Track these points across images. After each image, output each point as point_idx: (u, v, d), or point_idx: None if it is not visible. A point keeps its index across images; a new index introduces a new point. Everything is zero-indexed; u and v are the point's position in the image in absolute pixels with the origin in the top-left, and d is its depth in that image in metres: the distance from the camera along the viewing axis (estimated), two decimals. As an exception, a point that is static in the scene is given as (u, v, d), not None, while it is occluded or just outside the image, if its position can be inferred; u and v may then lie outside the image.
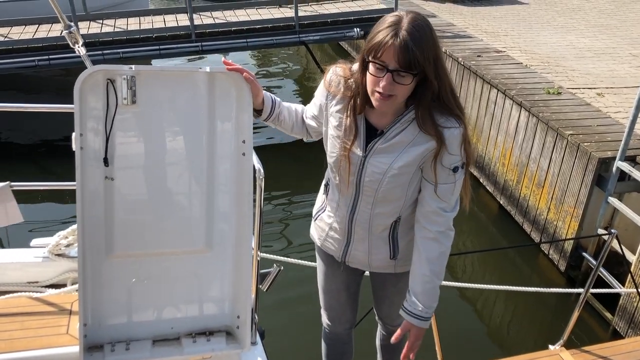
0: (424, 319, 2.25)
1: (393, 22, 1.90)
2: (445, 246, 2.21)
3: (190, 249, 2.26)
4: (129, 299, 2.25)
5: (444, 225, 2.18)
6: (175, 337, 2.34)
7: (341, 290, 2.64)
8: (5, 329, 2.34)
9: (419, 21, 1.89)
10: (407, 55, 1.85)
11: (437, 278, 2.23)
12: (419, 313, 2.23)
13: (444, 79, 1.98)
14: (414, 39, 1.85)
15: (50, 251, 2.83)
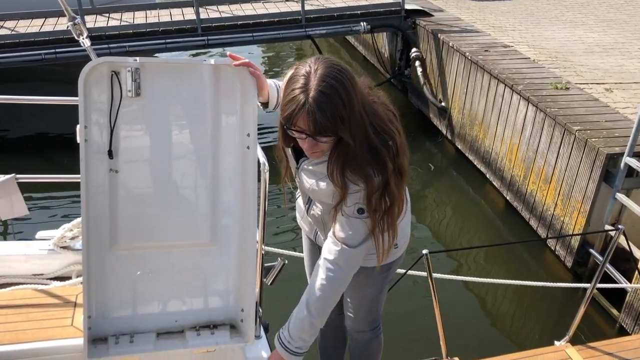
0: (284, 346, 2.18)
1: (302, 85, 1.84)
2: (329, 278, 2.11)
3: (194, 242, 2.26)
4: (134, 291, 2.25)
5: (335, 256, 2.10)
6: (179, 330, 2.34)
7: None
8: (10, 320, 2.34)
9: (328, 80, 1.82)
10: (316, 124, 1.84)
11: (306, 309, 2.13)
12: (281, 337, 2.20)
13: (359, 137, 1.89)
14: (320, 106, 1.81)
15: (55, 244, 2.84)
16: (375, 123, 1.93)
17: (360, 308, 2.51)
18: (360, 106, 1.87)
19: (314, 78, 1.83)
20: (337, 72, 1.84)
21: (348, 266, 2.12)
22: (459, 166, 7.77)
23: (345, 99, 1.82)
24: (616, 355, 3.12)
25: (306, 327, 2.15)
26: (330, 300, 2.16)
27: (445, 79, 8.16)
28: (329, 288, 2.13)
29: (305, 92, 1.82)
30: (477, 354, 3.27)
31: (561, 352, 3.19)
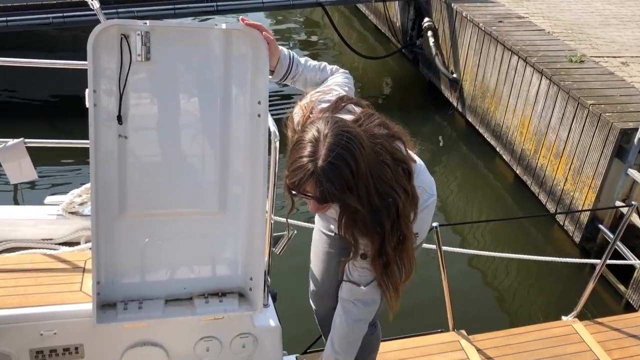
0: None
1: (310, 153, 1.79)
2: (345, 316, 2.17)
3: (203, 211, 2.24)
4: (142, 258, 2.24)
5: (348, 294, 2.16)
6: (187, 298, 2.34)
7: (333, 256, 2.53)
8: (19, 284, 2.35)
9: (337, 150, 1.77)
10: (324, 193, 1.80)
11: (332, 347, 2.23)
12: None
13: (364, 202, 1.85)
14: (329, 177, 1.77)
15: (64, 209, 2.83)
16: (380, 187, 1.88)
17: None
18: (367, 172, 1.83)
19: (323, 147, 1.78)
20: (347, 140, 1.79)
21: (362, 303, 2.16)
22: (468, 139, 7.70)
23: (354, 169, 1.79)
24: (623, 331, 3.12)
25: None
26: (352, 336, 2.21)
27: (457, 50, 8.03)
28: (347, 325, 2.18)
29: (313, 162, 1.78)
30: (483, 327, 3.29)
31: (568, 327, 3.19)
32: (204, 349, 2.43)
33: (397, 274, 2.01)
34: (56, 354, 2.28)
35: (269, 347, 2.54)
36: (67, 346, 2.28)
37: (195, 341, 2.42)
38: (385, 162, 1.90)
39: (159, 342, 2.38)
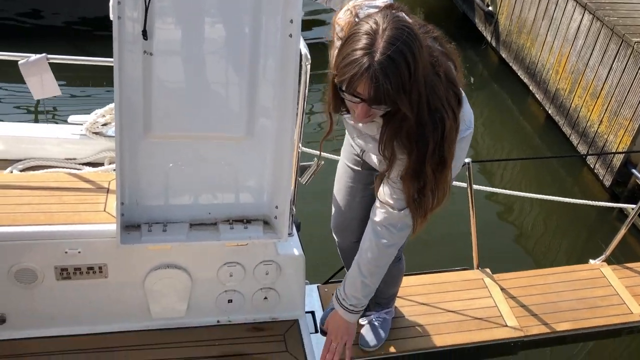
0: (340, 303, 2.22)
1: (366, 45, 1.62)
2: (376, 240, 2.07)
3: (230, 136, 2.17)
4: (167, 181, 2.20)
5: (381, 218, 2.04)
6: (212, 223, 2.31)
7: (357, 190, 2.43)
8: (44, 202, 2.33)
9: (397, 44, 1.60)
10: (378, 92, 1.63)
11: (358, 270, 2.14)
12: (338, 294, 2.23)
13: (414, 110, 1.70)
14: (386, 73, 1.60)
15: (88, 129, 2.79)
16: (431, 99, 1.74)
17: None
18: (422, 78, 1.68)
19: (381, 39, 1.61)
20: (407, 35, 1.62)
21: (395, 228, 2.05)
22: (500, 76, 7.44)
23: (412, 69, 1.63)
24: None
25: (359, 286, 2.16)
26: (381, 261, 2.12)
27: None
28: (377, 250, 2.09)
29: (370, 55, 1.61)
30: (507, 267, 3.24)
31: (596, 271, 3.13)
32: (227, 274, 2.43)
33: (430, 199, 1.91)
34: (80, 272, 2.28)
35: (292, 276, 2.53)
36: (91, 265, 2.28)
37: (219, 266, 2.41)
38: (439, 76, 1.77)
39: (182, 265, 2.37)
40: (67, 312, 2.37)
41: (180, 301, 2.43)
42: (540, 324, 2.79)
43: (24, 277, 2.25)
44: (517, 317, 2.79)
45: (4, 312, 2.32)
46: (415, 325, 2.73)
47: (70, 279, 2.29)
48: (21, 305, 2.32)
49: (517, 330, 2.73)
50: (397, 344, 2.65)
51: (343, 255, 2.69)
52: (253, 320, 2.55)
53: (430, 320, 2.75)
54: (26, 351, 2.29)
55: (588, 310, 2.88)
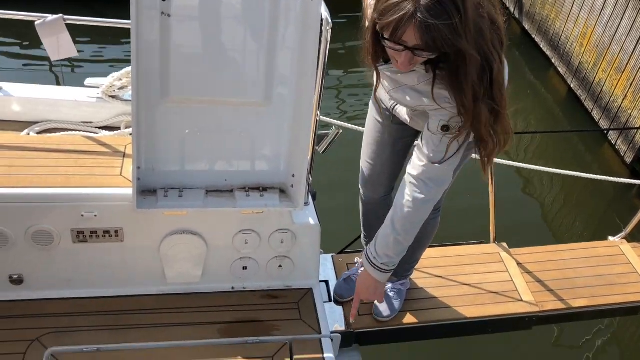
0: (370, 262, 2.15)
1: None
2: (414, 195, 1.98)
3: (247, 101, 2.13)
4: (183, 147, 2.18)
5: (420, 172, 1.96)
6: (228, 190, 2.30)
7: (387, 144, 2.40)
8: (60, 164, 2.33)
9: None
10: (424, 38, 1.56)
11: (392, 226, 2.05)
12: (368, 253, 2.15)
13: (462, 54, 1.63)
14: (433, 17, 1.53)
15: (104, 92, 2.76)
16: (479, 41, 1.67)
17: None
18: (470, 21, 1.61)
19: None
20: None
21: (434, 182, 1.97)
22: (522, 48, 7.27)
23: (462, 10, 1.56)
24: (675, 256, 3.00)
25: (391, 244, 2.08)
26: (416, 217, 2.04)
27: (521, -51, 7.40)
28: (414, 205, 2.00)
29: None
30: (523, 242, 3.21)
31: (615, 248, 3.08)
32: (243, 242, 2.42)
33: (490, 144, 1.86)
34: (97, 236, 2.29)
35: (307, 245, 2.52)
36: (107, 229, 2.29)
37: (234, 233, 2.40)
38: (484, 18, 1.71)
39: (198, 231, 2.37)
40: (84, 274, 2.38)
41: (196, 267, 2.44)
42: (556, 300, 2.76)
43: (41, 239, 2.26)
44: (533, 292, 2.77)
45: (21, 273, 2.34)
46: (429, 298, 2.72)
47: (87, 242, 2.30)
48: (38, 266, 2.34)
49: (533, 305, 2.71)
50: (411, 314, 2.65)
51: (365, 211, 2.65)
52: (267, 287, 2.55)
53: (445, 293, 2.73)
54: (43, 312, 2.32)
55: (605, 287, 2.85)
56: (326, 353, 2.30)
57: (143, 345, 2.24)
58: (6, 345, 2.18)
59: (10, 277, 2.34)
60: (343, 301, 2.72)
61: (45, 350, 2.17)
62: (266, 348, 2.29)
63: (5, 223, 2.21)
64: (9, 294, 2.35)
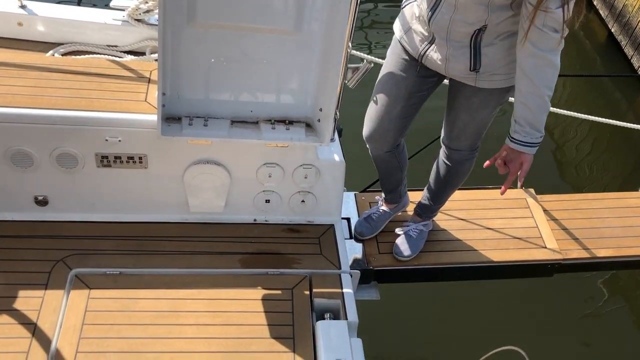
0: (528, 144, 2.05)
1: None
2: (553, 62, 1.94)
3: (276, 29, 2.05)
4: (209, 75, 2.12)
5: (548, 45, 1.89)
6: (254, 121, 2.25)
7: (400, 98, 2.30)
8: (84, 87, 2.30)
9: None
10: None
11: (545, 87, 1.97)
12: (522, 138, 2.04)
13: None
14: None
15: (130, 15, 2.68)
16: None
17: (466, 129, 2.33)
18: None
19: None
20: None
21: (559, 52, 1.94)
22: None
23: None
24: None
25: (545, 107, 2.02)
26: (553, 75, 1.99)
27: None
28: (556, 69, 1.98)
29: None
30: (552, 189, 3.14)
31: (645, 200, 3.01)
32: (266, 175, 2.40)
33: None
34: (120, 161, 2.28)
35: (331, 181, 2.49)
36: (131, 155, 2.27)
37: (258, 166, 2.38)
38: None
39: (222, 162, 2.35)
40: (107, 199, 2.39)
41: (219, 197, 2.43)
42: (580, 249, 2.73)
43: (65, 161, 2.26)
44: (557, 240, 2.73)
45: (46, 194, 2.36)
46: (451, 240, 2.70)
47: (111, 167, 2.29)
48: (63, 189, 2.35)
49: (556, 252, 2.68)
50: (432, 255, 2.64)
51: (377, 163, 2.62)
52: (289, 222, 2.55)
53: (468, 236, 2.71)
54: (67, 233, 2.35)
55: (633, 238, 2.80)
56: (345, 288, 2.30)
57: (165, 271, 2.27)
58: (32, 264, 2.22)
59: (36, 198, 2.36)
60: (363, 239, 2.72)
61: (69, 271, 2.21)
62: (286, 280, 2.31)
63: (30, 144, 2.21)
64: (35, 214, 2.38)
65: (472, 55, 2.07)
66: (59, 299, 2.13)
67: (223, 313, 2.17)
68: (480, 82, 2.14)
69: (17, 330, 2.03)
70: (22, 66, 2.34)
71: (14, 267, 2.20)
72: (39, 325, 2.05)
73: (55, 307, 2.10)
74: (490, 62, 2.08)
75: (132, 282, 2.22)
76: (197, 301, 2.20)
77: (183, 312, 2.16)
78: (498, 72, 2.10)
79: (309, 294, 2.27)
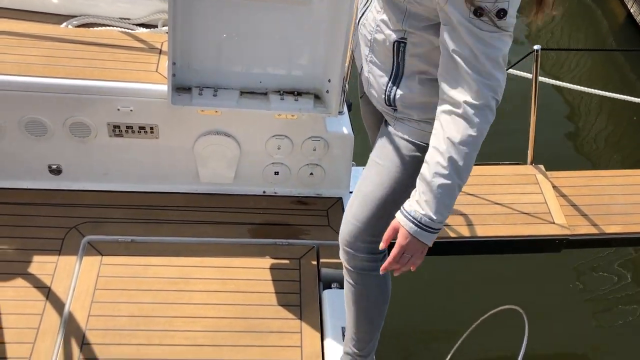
0: (421, 226, 1.46)
1: None
2: (478, 128, 1.42)
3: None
4: (219, 45, 2.14)
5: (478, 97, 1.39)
6: (262, 92, 2.27)
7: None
8: (97, 57, 2.33)
9: None
10: None
11: (455, 173, 1.43)
12: (415, 217, 1.46)
13: None
14: None
15: (142, -13, 2.71)
16: None
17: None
18: None
19: None
20: None
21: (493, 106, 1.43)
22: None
23: None
24: None
25: (452, 195, 1.48)
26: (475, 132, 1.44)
27: None
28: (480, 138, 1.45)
29: None
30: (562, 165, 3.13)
31: (661, 177, 2.99)
32: (275, 147, 2.43)
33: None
34: (132, 131, 2.32)
35: (339, 154, 2.51)
36: (142, 125, 2.31)
37: (267, 138, 2.40)
38: None
39: (231, 133, 2.38)
40: (120, 168, 2.44)
41: (228, 168, 2.46)
42: (589, 225, 2.72)
43: (78, 130, 2.30)
44: (566, 216, 2.72)
45: (60, 163, 2.41)
46: (459, 214, 2.71)
47: (123, 136, 2.33)
48: (76, 158, 2.40)
49: (564, 228, 2.68)
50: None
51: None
52: (298, 194, 2.57)
53: (476, 211, 2.72)
54: (80, 202, 2.40)
55: (641, 215, 2.79)
56: (352, 259, 2.33)
57: (175, 240, 2.32)
58: (46, 231, 2.28)
59: (50, 167, 2.41)
60: None
61: (82, 238, 2.26)
62: (294, 250, 2.34)
63: (44, 112, 2.25)
64: (49, 183, 2.43)
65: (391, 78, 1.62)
66: (72, 264, 2.18)
67: (232, 280, 2.21)
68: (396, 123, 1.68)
69: (32, 293, 2.09)
70: (36, 37, 2.38)
71: (28, 234, 2.26)
72: (52, 289, 2.10)
73: (69, 272, 2.16)
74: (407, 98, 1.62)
75: (143, 250, 2.27)
76: (206, 269, 2.24)
77: (193, 279, 2.20)
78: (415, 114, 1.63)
79: (316, 264, 2.30)
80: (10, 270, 2.14)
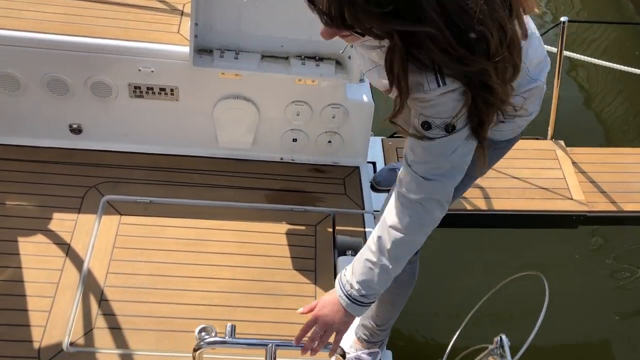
0: (346, 296, 1.46)
1: None
2: (415, 222, 1.40)
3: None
4: (241, 8, 2.13)
5: (416, 190, 1.38)
6: (284, 57, 2.26)
7: None
8: (120, 17, 2.33)
9: None
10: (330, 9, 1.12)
11: (384, 258, 1.42)
12: (342, 284, 1.48)
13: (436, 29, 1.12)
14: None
15: (164, -52, 2.68)
16: (455, 16, 1.12)
17: None
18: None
19: None
20: None
21: (436, 202, 1.39)
22: None
23: None
24: None
25: (376, 279, 1.46)
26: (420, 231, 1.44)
27: None
28: (417, 233, 1.43)
29: None
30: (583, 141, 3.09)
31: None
32: (294, 113, 2.42)
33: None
34: (152, 92, 2.32)
35: (358, 123, 2.50)
36: (163, 86, 2.31)
37: (287, 104, 2.39)
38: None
39: (251, 98, 2.37)
40: (140, 129, 2.45)
41: (247, 134, 2.46)
42: (607, 202, 2.70)
43: (99, 90, 2.31)
44: (585, 192, 2.70)
45: (80, 122, 2.42)
46: (476, 187, 2.69)
47: (143, 97, 2.34)
48: (97, 118, 2.41)
49: (582, 204, 2.66)
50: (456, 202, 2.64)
51: None
52: (315, 162, 2.57)
53: (493, 184, 2.70)
54: (101, 162, 2.41)
55: (662, 194, 2.76)
56: (367, 227, 2.34)
57: (193, 202, 2.33)
58: (66, 189, 2.30)
59: (70, 126, 2.42)
60: (379, 188, 2.67)
61: (101, 197, 2.29)
62: (310, 217, 2.35)
63: (65, 71, 2.26)
64: (69, 142, 2.45)
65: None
66: (91, 222, 2.21)
67: (248, 244, 2.23)
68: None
69: (52, 249, 2.12)
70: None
71: (49, 191, 2.29)
72: (72, 246, 2.13)
73: (88, 230, 2.19)
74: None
75: (162, 211, 2.29)
76: (223, 232, 2.26)
77: (210, 241, 2.22)
78: None
79: (332, 231, 2.31)
80: (31, 226, 2.17)
